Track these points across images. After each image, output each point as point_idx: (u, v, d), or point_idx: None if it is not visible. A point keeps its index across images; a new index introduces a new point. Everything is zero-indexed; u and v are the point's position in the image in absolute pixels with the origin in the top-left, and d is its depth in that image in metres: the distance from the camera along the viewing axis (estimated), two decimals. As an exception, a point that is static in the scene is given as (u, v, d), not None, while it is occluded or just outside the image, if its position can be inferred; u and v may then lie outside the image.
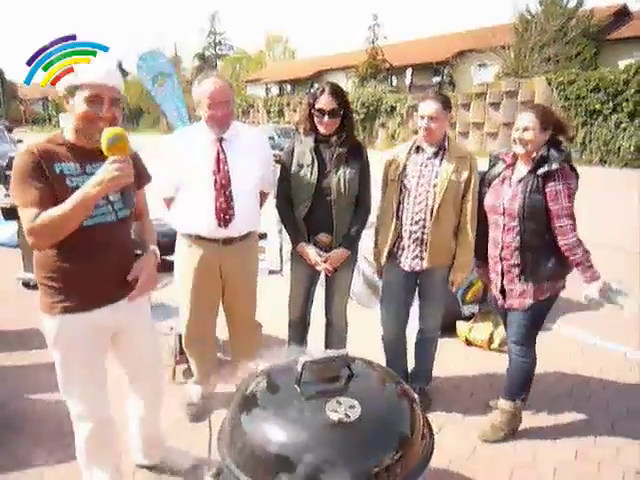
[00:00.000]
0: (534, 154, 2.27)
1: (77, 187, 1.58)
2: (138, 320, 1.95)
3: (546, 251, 2.28)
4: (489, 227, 2.44)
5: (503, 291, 2.44)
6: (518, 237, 2.30)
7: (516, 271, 2.35)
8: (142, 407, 2.09)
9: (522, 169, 2.33)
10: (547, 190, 2.22)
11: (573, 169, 2.28)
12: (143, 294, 1.84)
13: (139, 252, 1.89)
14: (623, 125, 16.20)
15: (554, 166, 2.20)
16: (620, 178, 13.25)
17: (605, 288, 2.20)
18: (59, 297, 1.68)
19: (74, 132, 1.69)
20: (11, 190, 1.61)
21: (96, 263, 1.71)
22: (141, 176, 1.90)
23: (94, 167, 1.64)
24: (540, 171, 2.23)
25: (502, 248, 2.37)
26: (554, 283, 2.33)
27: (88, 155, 1.68)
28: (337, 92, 2.40)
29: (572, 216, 2.22)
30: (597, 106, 16.63)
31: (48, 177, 1.59)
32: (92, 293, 1.72)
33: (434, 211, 2.42)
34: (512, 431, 2.50)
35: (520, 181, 2.30)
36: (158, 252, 1.91)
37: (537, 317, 2.38)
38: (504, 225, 2.35)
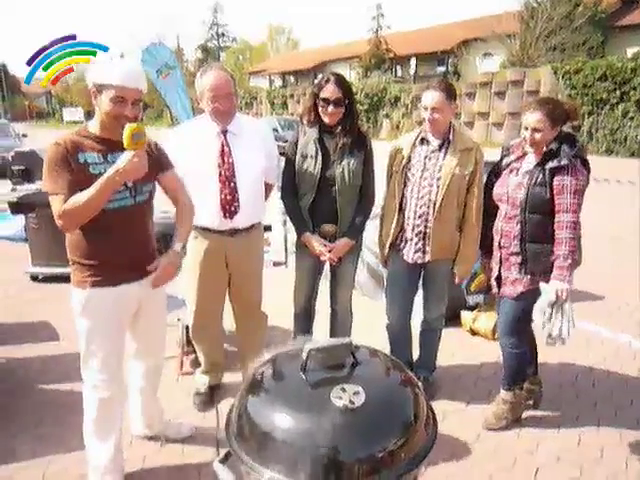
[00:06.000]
0: (544, 148, 2.25)
1: (100, 174, 1.75)
2: (157, 299, 2.10)
3: (549, 244, 2.25)
4: (496, 216, 2.43)
5: (499, 279, 2.44)
6: (518, 226, 2.29)
7: (514, 260, 2.34)
8: (144, 380, 2.22)
9: (531, 161, 2.32)
10: (555, 183, 2.20)
11: (585, 163, 2.24)
12: (159, 284, 2.03)
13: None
14: (630, 114, 16.01)
15: (563, 162, 2.17)
16: (627, 168, 13.13)
17: (564, 296, 2.12)
18: (88, 272, 1.87)
19: (99, 125, 1.84)
20: (43, 180, 1.77)
21: (118, 242, 1.89)
22: (161, 163, 2.04)
23: (114, 156, 1.80)
24: (549, 165, 2.21)
25: (501, 236, 2.38)
26: (548, 276, 2.24)
27: (110, 146, 1.84)
28: (342, 82, 2.39)
29: (575, 212, 2.17)
30: (604, 95, 16.43)
31: (73, 166, 1.75)
32: (116, 270, 1.89)
33: (437, 206, 2.41)
34: (516, 419, 2.53)
35: (527, 172, 2.30)
36: (179, 249, 2.06)
37: (525, 307, 2.32)
38: (505, 213, 2.35)
